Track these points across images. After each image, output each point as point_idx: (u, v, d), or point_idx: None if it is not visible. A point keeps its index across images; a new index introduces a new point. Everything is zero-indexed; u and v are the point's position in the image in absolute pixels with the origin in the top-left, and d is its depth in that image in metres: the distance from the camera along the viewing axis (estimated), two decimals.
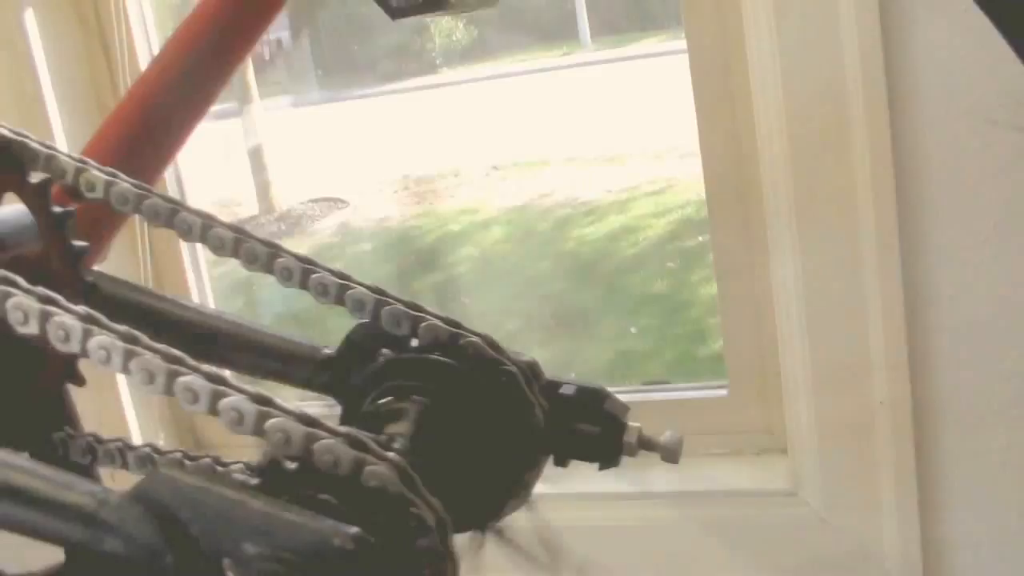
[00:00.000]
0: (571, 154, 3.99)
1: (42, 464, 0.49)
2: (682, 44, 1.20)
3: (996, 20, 0.45)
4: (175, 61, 0.79)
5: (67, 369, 0.67)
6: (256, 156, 3.66)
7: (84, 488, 0.47)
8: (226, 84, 0.81)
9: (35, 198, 0.65)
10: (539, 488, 0.63)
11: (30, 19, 1.34)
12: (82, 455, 0.66)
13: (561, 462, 0.62)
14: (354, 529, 0.43)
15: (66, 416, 0.68)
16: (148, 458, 0.64)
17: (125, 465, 0.65)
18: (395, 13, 0.76)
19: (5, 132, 0.65)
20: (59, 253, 0.65)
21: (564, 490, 1.22)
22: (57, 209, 0.65)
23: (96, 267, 0.75)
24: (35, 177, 0.65)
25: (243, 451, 0.62)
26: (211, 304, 1.54)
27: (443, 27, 4.01)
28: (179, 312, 0.68)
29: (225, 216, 0.63)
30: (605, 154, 3.83)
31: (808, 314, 1.08)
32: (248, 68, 2.74)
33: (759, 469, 1.25)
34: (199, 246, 1.39)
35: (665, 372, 2.58)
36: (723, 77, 1.16)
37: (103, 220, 0.77)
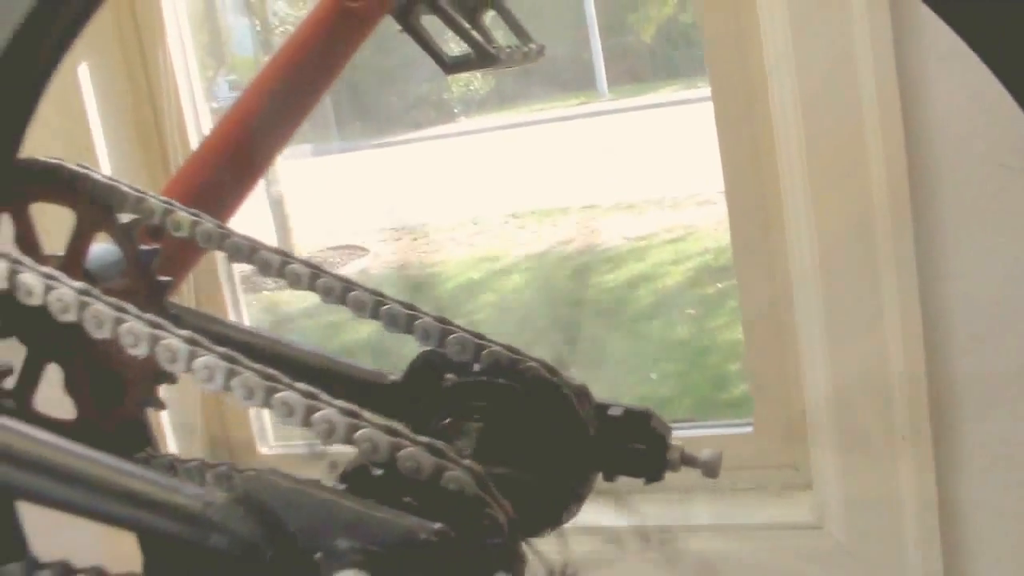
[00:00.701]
0: (589, 202, 4.04)
1: (149, 470, 0.54)
2: (697, 92, 1.25)
3: (1002, 77, 0.49)
4: (250, 113, 0.85)
5: (148, 395, 0.72)
6: (277, 204, 3.73)
7: (190, 491, 0.52)
8: (295, 132, 0.88)
9: (123, 237, 0.71)
10: None
11: (84, 73, 1.42)
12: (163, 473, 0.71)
13: (610, 477, 0.67)
14: (438, 525, 0.48)
15: (147, 438, 0.72)
16: (226, 475, 0.68)
17: (203, 482, 0.70)
18: (449, 69, 0.82)
19: (98, 178, 0.70)
20: (144, 287, 0.71)
21: (591, 523, 1.26)
22: (143, 247, 0.71)
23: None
24: (124, 218, 0.71)
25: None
26: None
27: (461, 77, 4.07)
28: (254, 340, 0.73)
29: None
30: (623, 202, 3.88)
31: (831, 353, 1.13)
32: None
33: (785, 503, 1.28)
34: (239, 279, 1.45)
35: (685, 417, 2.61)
36: (747, 123, 1.21)
37: (183, 257, 0.82)
